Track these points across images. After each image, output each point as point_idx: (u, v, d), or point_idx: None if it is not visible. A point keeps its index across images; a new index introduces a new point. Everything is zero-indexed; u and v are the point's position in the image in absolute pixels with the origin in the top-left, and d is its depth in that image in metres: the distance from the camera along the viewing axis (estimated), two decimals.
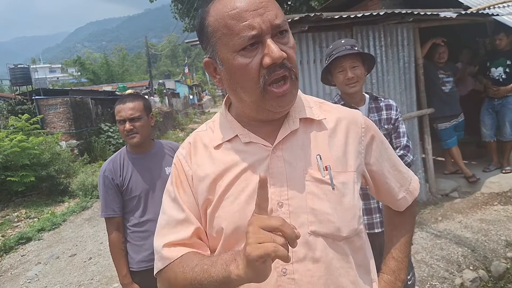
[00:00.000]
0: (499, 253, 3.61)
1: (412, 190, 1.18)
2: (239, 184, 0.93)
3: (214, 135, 1.02)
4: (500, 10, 5.20)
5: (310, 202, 0.91)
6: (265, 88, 0.87)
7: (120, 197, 2.15)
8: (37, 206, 7.65)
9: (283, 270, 0.89)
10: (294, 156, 0.95)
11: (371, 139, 1.06)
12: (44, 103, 11.94)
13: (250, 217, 0.80)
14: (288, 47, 0.87)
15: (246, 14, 0.83)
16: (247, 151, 0.95)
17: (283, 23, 0.86)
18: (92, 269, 4.61)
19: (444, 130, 5.22)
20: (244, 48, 0.85)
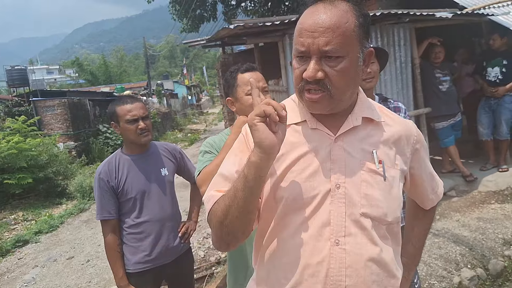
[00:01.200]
0: (496, 252, 3.62)
1: (439, 194, 1.38)
2: (303, 162, 1.07)
3: None
4: (495, 10, 5.22)
5: (364, 188, 1.06)
6: (300, 91, 1.06)
7: (116, 199, 2.14)
8: (34, 208, 7.62)
9: (336, 240, 1.03)
10: (353, 148, 1.08)
11: (419, 148, 1.22)
12: (42, 105, 11.88)
13: (308, 191, 1.04)
14: (333, 69, 1.00)
15: (305, 32, 1.00)
16: (313, 136, 1.09)
17: (332, 51, 0.98)
18: (90, 272, 4.60)
19: (441, 129, 5.23)
20: (297, 56, 1.04)
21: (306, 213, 1.05)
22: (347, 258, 1.02)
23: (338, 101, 1.04)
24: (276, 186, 1.08)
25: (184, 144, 15.44)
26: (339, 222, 1.03)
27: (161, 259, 2.20)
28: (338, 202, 1.04)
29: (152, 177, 2.21)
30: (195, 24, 15.47)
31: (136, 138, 2.15)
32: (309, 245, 1.03)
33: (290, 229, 1.06)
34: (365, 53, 1.06)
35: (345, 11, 1.00)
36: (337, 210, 1.04)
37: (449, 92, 5.16)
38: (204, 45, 7.65)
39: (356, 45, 1.01)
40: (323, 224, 1.03)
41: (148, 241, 2.16)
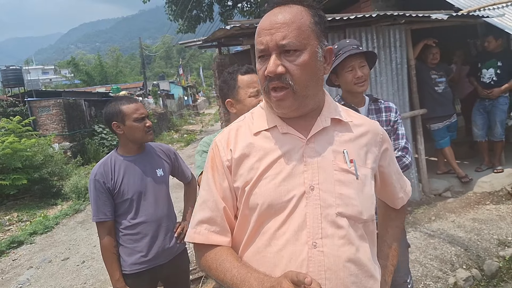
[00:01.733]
0: (491, 252, 3.64)
1: (408, 192, 1.41)
2: (276, 167, 1.08)
3: (254, 124, 1.17)
4: (490, 12, 5.25)
5: (338, 188, 1.07)
6: (266, 92, 1.07)
7: (112, 200, 2.13)
8: (29, 209, 7.57)
9: (314, 243, 1.03)
10: (324, 149, 1.11)
11: (386, 148, 1.26)
12: (37, 105, 11.82)
13: (282, 195, 1.04)
14: (293, 64, 1.02)
15: (262, 31, 1.04)
16: (284, 140, 1.11)
17: (289, 44, 1.01)
18: (86, 273, 4.57)
19: (437, 130, 5.26)
20: (259, 57, 1.07)
21: (282, 218, 1.05)
22: (325, 261, 1.02)
23: (303, 97, 1.06)
24: (250, 194, 1.08)
25: (180, 144, 15.42)
26: (316, 224, 1.04)
27: (157, 259, 2.19)
28: (313, 204, 1.05)
29: (148, 178, 2.21)
30: (192, 25, 15.47)
31: (144, 136, 2.18)
32: (287, 250, 1.03)
33: (266, 237, 1.06)
34: (324, 50, 1.09)
35: (300, 10, 1.05)
36: (312, 212, 1.04)
37: (444, 94, 5.19)
38: (200, 45, 7.65)
39: (314, 39, 1.05)
40: (299, 227, 1.04)
41: (145, 242, 2.16)
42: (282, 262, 1.03)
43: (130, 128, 2.14)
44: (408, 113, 4.88)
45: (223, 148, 1.15)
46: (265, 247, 1.06)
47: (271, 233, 1.05)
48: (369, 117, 2.18)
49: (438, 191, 5.13)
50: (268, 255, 1.05)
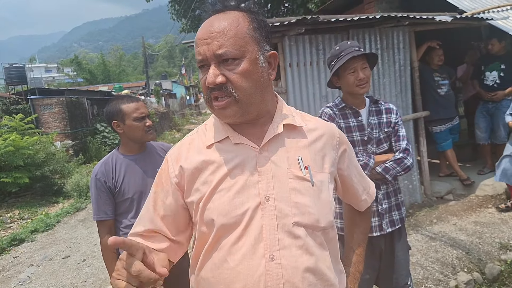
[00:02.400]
0: (493, 256, 3.62)
1: (371, 194, 1.40)
2: (230, 179, 1.04)
3: (206, 137, 1.13)
4: (494, 14, 5.23)
5: (293, 196, 1.04)
6: (209, 101, 1.04)
7: (113, 199, 2.13)
8: (30, 206, 7.59)
9: (271, 256, 1.00)
10: (278, 157, 1.07)
11: (344, 149, 1.23)
12: (39, 103, 11.85)
13: (237, 208, 1.01)
14: (233, 72, 0.99)
15: (199, 41, 1.01)
16: (237, 151, 1.07)
17: (226, 53, 0.98)
18: (86, 271, 4.58)
19: (439, 133, 5.24)
20: (200, 67, 1.04)
21: (238, 232, 1.01)
22: (283, 273, 0.99)
23: (247, 105, 1.02)
24: (203, 209, 1.05)
25: None
26: (272, 235, 1.00)
27: None
28: (269, 214, 1.01)
29: (149, 177, 2.20)
30: (195, 24, 15.48)
31: (143, 136, 2.17)
32: (243, 265, 1.00)
33: (222, 252, 1.02)
34: (266, 56, 1.06)
35: (236, 16, 1.02)
36: (268, 223, 1.01)
37: (447, 96, 5.17)
38: None
39: (253, 46, 1.02)
40: (256, 240, 1.00)
41: None
42: (240, 277, 1.00)
43: (130, 127, 2.14)
44: (411, 115, 4.86)
45: (172, 164, 1.12)
46: (222, 263, 1.02)
47: (227, 248, 1.02)
48: (370, 119, 2.19)
49: (440, 194, 5.12)
50: (225, 271, 1.01)
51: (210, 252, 1.05)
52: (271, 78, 1.08)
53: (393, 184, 2.22)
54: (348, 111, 2.21)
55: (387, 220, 2.17)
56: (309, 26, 4.00)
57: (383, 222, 2.16)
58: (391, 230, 2.17)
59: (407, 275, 2.22)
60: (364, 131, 2.18)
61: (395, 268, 2.20)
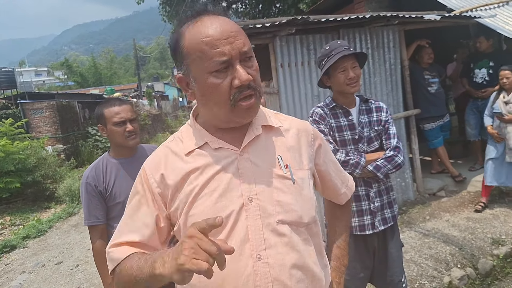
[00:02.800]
0: (485, 251, 3.66)
1: (350, 187, 1.41)
2: (212, 184, 1.04)
3: (184, 144, 1.12)
4: (482, 12, 5.29)
5: (276, 195, 1.06)
6: (235, 104, 1.00)
7: (104, 204, 2.10)
8: (22, 213, 7.51)
9: (258, 255, 1.01)
10: (259, 157, 1.09)
11: (319, 144, 1.25)
12: (30, 107, 11.70)
13: (220, 211, 1.00)
14: (253, 70, 1.02)
15: (218, 42, 0.97)
16: (217, 156, 1.07)
17: (249, 50, 1.00)
18: (79, 277, 4.53)
19: (430, 130, 5.28)
20: (217, 70, 0.98)
21: (224, 235, 1.01)
22: (271, 272, 1.01)
23: (260, 101, 1.06)
24: (186, 216, 1.04)
25: None
26: (258, 235, 1.02)
27: None
28: (253, 215, 1.03)
29: None
30: None
31: (124, 141, 2.12)
32: (231, 267, 0.99)
33: None
34: None
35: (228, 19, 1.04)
36: (253, 224, 1.02)
37: (437, 94, 5.22)
38: None
39: None
40: (242, 241, 1.01)
41: None
42: (228, 280, 1.00)
43: (110, 132, 2.12)
44: (402, 113, 4.89)
45: (151, 174, 1.10)
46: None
47: None
48: (360, 118, 2.20)
49: (433, 191, 5.16)
50: (214, 274, 1.00)
51: None
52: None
53: (385, 182, 2.23)
54: (338, 110, 2.22)
55: (379, 218, 2.18)
56: (299, 27, 4.01)
57: (375, 220, 2.17)
58: (383, 228, 2.19)
59: (400, 272, 2.23)
60: (355, 130, 2.18)
61: (388, 266, 2.21)
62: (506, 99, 4.24)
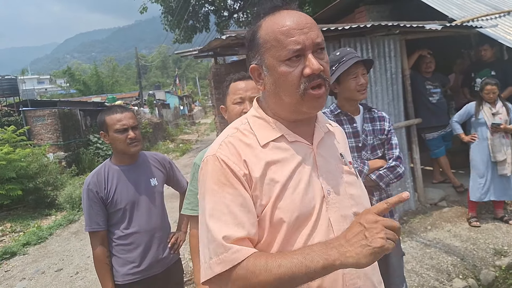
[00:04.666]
0: (488, 262, 3.63)
1: None
2: (295, 177, 1.06)
3: (258, 135, 1.10)
4: (483, 22, 5.32)
5: (348, 189, 1.13)
6: (305, 92, 1.03)
7: (105, 210, 2.10)
8: (22, 219, 7.49)
9: None
10: (328, 153, 1.15)
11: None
12: (32, 115, 11.77)
13: (307, 204, 1.03)
14: (324, 61, 1.05)
15: (294, 31, 1.01)
16: (294, 149, 1.10)
17: (322, 42, 1.04)
18: (79, 284, 4.51)
19: (432, 140, 5.28)
20: (289, 59, 1.02)
21: (310, 226, 1.05)
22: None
23: (327, 93, 1.10)
24: (274, 209, 1.03)
25: (176, 154, 15.37)
26: (340, 226, 1.06)
27: (150, 270, 2.17)
28: (333, 207, 1.08)
29: (142, 188, 2.18)
30: (188, 35, 15.55)
31: (126, 148, 2.12)
32: None
33: (299, 246, 1.03)
34: None
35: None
36: (334, 215, 1.07)
37: (439, 104, 5.22)
38: (196, 55, 7.66)
39: None
40: (326, 232, 1.05)
41: (138, 252, 2.13)
42: None
43: (112, 139, 2.13)
44: (403, 122, 4.90)
45: (234, 162, 1.03)
46: None
47: (303, 241, 1.03)
48: (364, 126, 2.22)
49: (434, 201, 5.13)
50: None
51: (285, 247, 1.02)
52: None
53: (386, 191, 2.24)
54: (343, 117, 2.24)
55: None
56: None
57: None
58: None
59: (401, 281, 2.23)
60: (359, 138, 2.20)
61: (389, 274, 2.21)
62: (494, 110, 4.25)
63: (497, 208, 4.49)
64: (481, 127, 4.33)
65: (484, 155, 4.31)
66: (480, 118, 4.32)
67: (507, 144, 4.26)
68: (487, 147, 4.27)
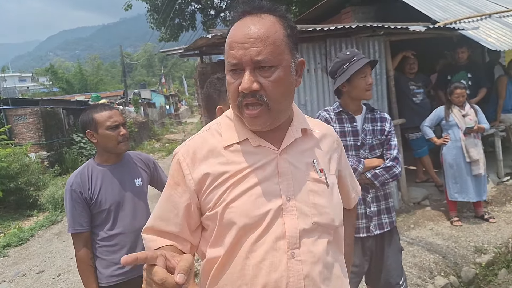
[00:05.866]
0: (468, 259, 3.71)
1: (358, 191, 1.47)
2: (251, 181, 1.06)
3: (223, 137, 1.13)
4: (465, 25, 5.42)
5: (312, 197, 1.09)
6: (239, 107, 1.04)
7: (88, 211, 2.06)
8: (3, 220, 7.32)
9: (292, 253, 1.04)
10: (296, 160, 1.11)
11: (341, 150, 1.30)
12: (13, 113, 11.49)
13: (259, 208, 1.03)
14: (268, 80, 0.99)
15: (235, 44, 0.99)
16: (257, 153, 1.09)
17: (264, 60, 0.97)
18: (61, 286, 4.43)
19: (415, 140, 5.36)
20: (231, 70, 1.02)
21: (260, 231, 1.04)
22: (304, 269, 1.04)
23: (277, 113, 1.04)
24: (224, 211, 1.05)
25: (162, 154, 15.22)
26: (294, 234, 1.04)
27: (135, 271, 2.14)
28: (291, 214, 1.05)
29: (127, 188, 2.15)
30: (174, 33, 15.43)
31: (115, 146, 2.09)
32: (266, 262, 1.03)
33: (245, 250, 1.05)
34: (296, 64, 1.08)
35: (273, 22, 1.02)
36: (290, 222, 1.05)
37: (422, 104, 5.30)
38: (182, 54, 7.62)
39: (288, 54, 1.03)
40: (277, 238, 1.04)
41: (122, 253, 2.09)
42: (261, 273, 1.03)
43: (103, 136, 2.08)
44: None
45: (187, 165, 1.11)
46: (244, 260, 1.05)
47: (249, 246, 1.04)
48: (365, 125, 2.27)
49: (417, 200, 5.22)
50: (247, 267, 1.04)
51: (232, 250, 1.06)
52: (296, 85, 1.10)
53: (384, 189, 2.29)
54: (344, 116, 2.28)
55: (375, 223, 2.25)
56: None
57: (371, 224, 2.24)
58: (380, 233, 2.25)
59: (399, 275, 2.29)
60: (358, 137, 2.26)
61: (386, 269, 2.27)
62: (463, 112, 4.38)
63: (477, 207, 4.60)
64: (453, 128, 4.45)
65: (457, 156, 4.41)
66: (451, 120, 4.44)
67: (479, 144, 4.39)
68: (460, 148, 4.36)
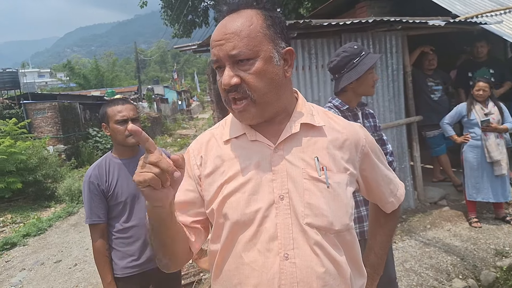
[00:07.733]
0: (488, 262, 3.61)
1: (399, 196, 1.34)
2: (246, 176, 1.05)
3: (224, 131, 1.16)
4: (487, 19, 5.26)
5: (307, 197, 1.03)
6: (227, 104, 1.06)
7: (105, 203, 2.10)
8: (23, 211, 7.52)
9: (285, 254, 1.01)
10: (294, 156, 1.07)
11: (369, 151, 1.19)
12: (32, 108, 11.79)
13: (251, 205, 1.02)
14: (247, 73, 1.00)
15: (213, 43, 1.02)
16: (253, 148, 1.08)
17: (239, 54, 0.98)
18: (78, 276, 4.52)
19: (432, 138, 5.25)
20: (216, 68, 1.05)
21: (253, 229, 1.03)
22: (297, 273, 1.00)
23: (264, 105, 1.03)
24: (221, 204, 1.06)
25: (174, 149, 15.38)
26: (287, 234, 1.01)
27: (149, 263, 2.16)
28: (284, 213, 1.02)
29: None
30: (187, 30, 15.46)
31: (124, 140, 2.11)
32: (258, 262, 1.01)
33: (239, 247, 1.04)
34: (282, 53, 1.05)
35: (249, 15, 1.02)
36: (283, 222, 1.02)
37: (440, 101, 5.19)
38: (195, 50, 7.62)
39: (267, 44, 1.01)
40: (270, 238, 1.01)
41: (137, 245, 2.13)
42: (254, 274, 1.02)
43: (112, 130, 2.13)
44: (404, 119, 4.87)
45: (194, 155, 1.15)
46: (238, 259, 1.04)
47: (243, 244, 1.04)
48: (365, 122, 2.22)
49: (434, 199, 5.11)
50: (241, 266, 1.04)
51: (228, 245, 1.07)
52: (287, 75, 1.08)
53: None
54: (348, 113, 2.19)
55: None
56: (301, 31, 4.01)
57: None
58: None
59: (394, 270, 2.31)
60: None
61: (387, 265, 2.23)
62: (486, 111, 4.23)
63: (497, 209, 4.48)
64: (474, 127, 4.30)
65: (478, 155, 4.28)
66: (472, 119, 4.29)
67: (502, 144, 4.24)
68: (481, 147, 4.24)
